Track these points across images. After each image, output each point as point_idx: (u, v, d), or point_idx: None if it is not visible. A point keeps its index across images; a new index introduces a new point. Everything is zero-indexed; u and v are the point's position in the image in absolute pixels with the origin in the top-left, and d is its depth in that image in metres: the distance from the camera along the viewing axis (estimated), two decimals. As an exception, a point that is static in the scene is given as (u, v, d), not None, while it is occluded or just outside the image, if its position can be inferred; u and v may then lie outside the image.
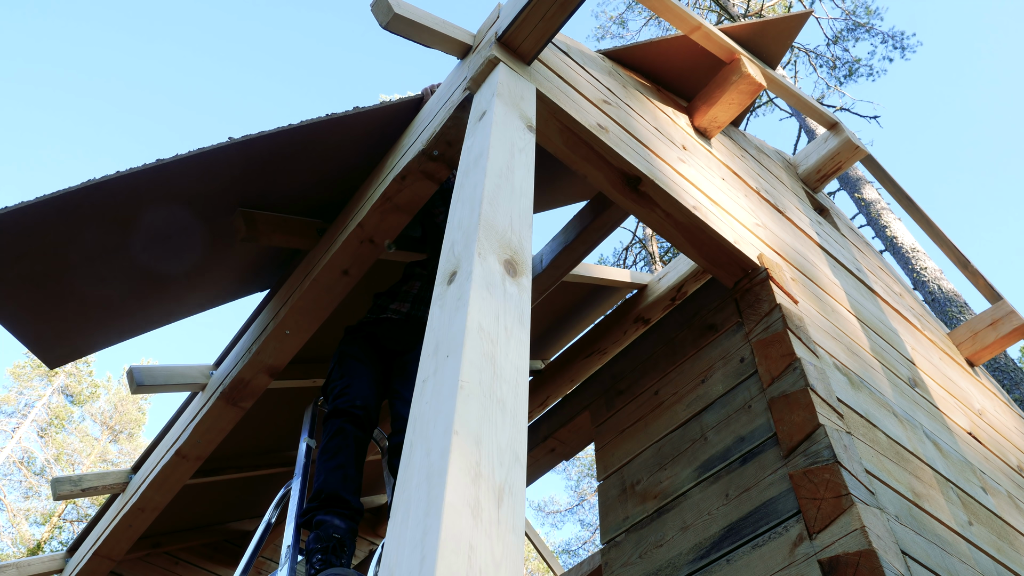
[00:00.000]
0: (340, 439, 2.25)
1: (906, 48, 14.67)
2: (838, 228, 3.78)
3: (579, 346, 3.68)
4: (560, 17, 1.78)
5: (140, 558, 3.82)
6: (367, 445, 2.33)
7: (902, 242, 8.85)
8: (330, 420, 2.33)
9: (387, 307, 2.71)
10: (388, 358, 2.63)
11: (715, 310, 2.32)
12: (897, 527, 1.56)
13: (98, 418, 24.02)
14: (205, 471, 3.30)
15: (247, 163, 2.16)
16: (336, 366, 2.51)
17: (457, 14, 62.25)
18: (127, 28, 64.54)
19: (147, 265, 2.33)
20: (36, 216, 1.89)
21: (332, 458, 2.21)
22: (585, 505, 21.74)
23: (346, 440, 2.25)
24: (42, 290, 2.15)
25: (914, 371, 2.72)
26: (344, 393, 2.37)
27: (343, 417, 2.30)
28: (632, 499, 2.06)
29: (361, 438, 2.30)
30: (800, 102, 3.85)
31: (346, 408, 2.32)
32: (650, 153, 2.15)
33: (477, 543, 0.69)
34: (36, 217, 1.90)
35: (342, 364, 2.50)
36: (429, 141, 1.93)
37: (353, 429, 2.28)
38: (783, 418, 1.74)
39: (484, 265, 1.07)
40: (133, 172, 1.89)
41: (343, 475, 2.17)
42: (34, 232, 1.96)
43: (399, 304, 2.72)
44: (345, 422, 2.28)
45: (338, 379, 2.45)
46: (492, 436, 0.82)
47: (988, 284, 3.98)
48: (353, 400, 2.34)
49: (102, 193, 1.95)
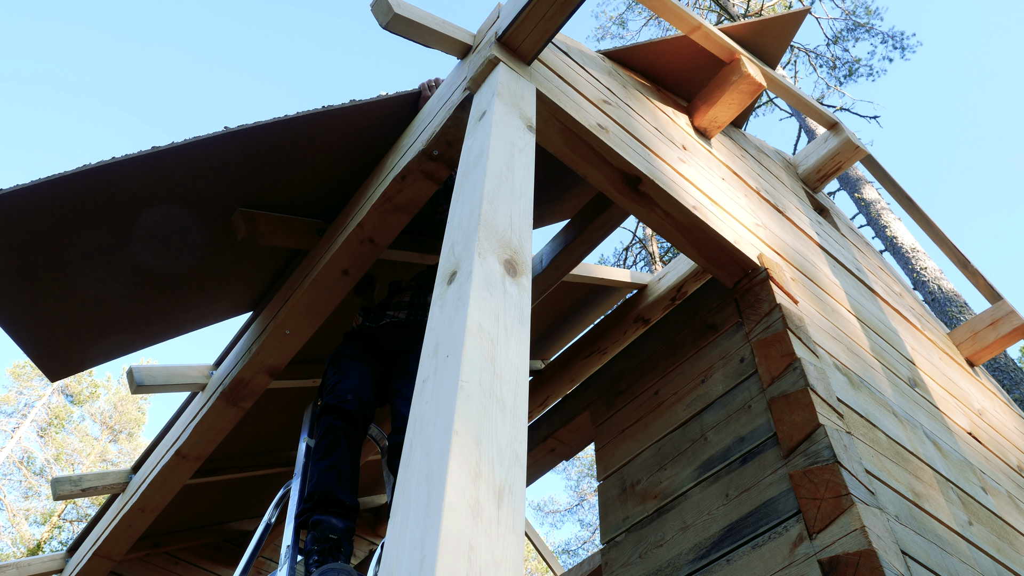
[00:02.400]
0: (331, 437, 2.24)
1: (906, 48, 14.67)
2: (838, 228, 3.78)
3: (579, 346, 3.68)
4: (560, 17, 1.79)
5: (140, 558, 3.82)
6: (361, 441, 2.32)
7: (902, 242, 8.85)
8: (321, 418, 2.32)
9: (384, 314, 2.72)
10: (387, 359, 2.63)
11: (715, 310, 2.32)
12: (897, 527, 1.56)
13: (98, 418, 24.02)
14: (205, 471, 3.30)
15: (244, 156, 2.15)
16: (330, 366, 2.52)
17: (457, 14, 62.23)
18: (127, 29, 64.55)
19: (146, 266, 2.32)
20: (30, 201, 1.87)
21: (324, 457, 2.20)
22: (585, 505, 21.74)
23: (337, 438, 2.24)
24: (40, 286, 2.13)
25: (914, 371, 2.72)
26: (334, 389, 2.37)
27: (332, 414, 2.29)
28: (632, 499, 2.06)
29: (352, 434, 2.28)
30: (800, 102, 3.85)
31: (335, 404, 2.31)
32: (650, 153, 2.15)
33: (477, 543, 0.69)
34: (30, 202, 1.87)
35: (336, 363, 2.50)
36: (429, 141, 1.93)
37: (343, 425, 2.27)
38: (783, 418, 1.74)
39: (484, 265, 1.07)
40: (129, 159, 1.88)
41: (336, 474, 2.16)
42: (29, 219, 1.93)
43: (396, 312, 2.73)
44: (335, 419, 2.28)
45: (330, 377, 2.45)
46: (492, 436, 0.82)
47: (988, 284, 3.98)
48: (343, 395, 2.33)
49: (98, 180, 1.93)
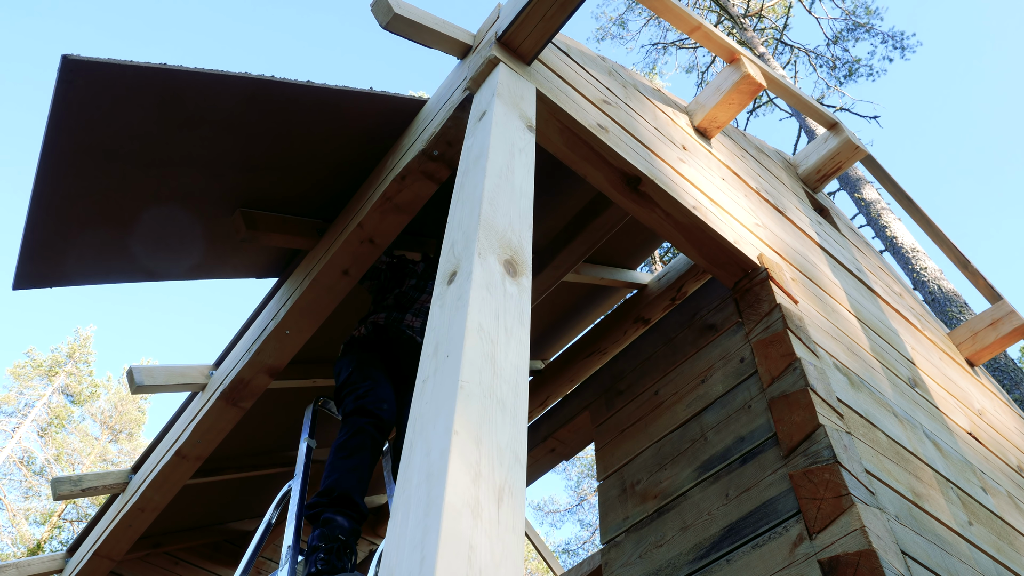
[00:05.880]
0: (360, 439, 2.19)
1: (906, 48, 14.68)
2: (838, 228, 3.78)
3: (579, 346, 3.69)
4: (560, 17, 1.78)
5: (140, 558, 3.82)
6: (379, 453, 2.28)
7: (902, 242, 8.85)
8: (352, 418, 2.26)
9: (403, 320, 2.67)
10: (400, 382, 2.59)
11: (715, 310, 2.32)
12: (897, 527, 1.56)
13: (98, 418, 24.02)
14: (205, 471, 3.30)
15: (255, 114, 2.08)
16: (356, 369, 2.44)
17: (457, 14, 62.24)
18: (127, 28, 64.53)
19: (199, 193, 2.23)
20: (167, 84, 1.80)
21: (350, 457, 2.15)
22: (585, 505, 21.74)
23: (365, 442, 2.19)
24: (102, 180, 2.03)
25: (914, 371, 2.72)
26: (371, 394, 2.31)
27: (369, 418, 2.24)
28: (632, 499, 2.06)
29: (379, 443, 2.25)
30: (800, 102, 3.85)
31: (373, 410, 2.26)
32: (650, 153, 2.15)
33: (477, 543, 0.69)
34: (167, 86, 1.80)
35: (363, 369, 2.44)
36: (429, 141, 1.93)
37: (373, 432, 2.22)
38: (783, 418, 1.74)
39: (484, 265, 1.07)
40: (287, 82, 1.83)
41: (358, 477, 2.12)
42: (146, 103, 1.83)
43: (412, 318, 2.68)
44: (369, 423, 2.23)
45: (360, 381, 2.39)
46: (492, 436, 0.82)
47: (988, 284, 3.98)
48: (379, 403, 2.29)
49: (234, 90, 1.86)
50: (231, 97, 1.97)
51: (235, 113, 2.04)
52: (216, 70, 1.85)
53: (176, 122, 1.99)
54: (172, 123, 1.98)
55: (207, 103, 1.97)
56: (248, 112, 2.05)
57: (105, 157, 1.98)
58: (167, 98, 1.91)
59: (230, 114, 2.03)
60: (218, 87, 1.92)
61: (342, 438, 2.22)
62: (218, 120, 2.04)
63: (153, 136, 1.99)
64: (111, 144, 1.95)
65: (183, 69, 1.79)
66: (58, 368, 23.48)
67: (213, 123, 2.04)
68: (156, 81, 1.83)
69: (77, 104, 1.78)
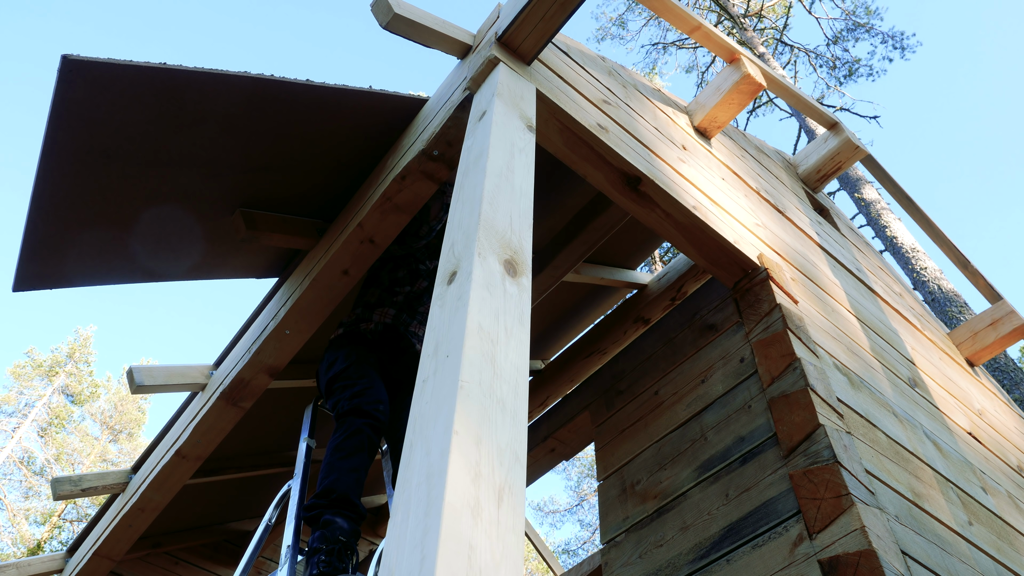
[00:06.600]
0: (358, 440, 2.18)
1: (906, 48, 14.68)
2: (838, 228, 3.78)
3: (579, 346, 3.69)
4: (560, 17, 1.78)
5: (140, 558, 3.82)
6: (375, 455, 2.27)
7: (902, 242, 8.85)
8: (349, 418, 2.24)
9: (409, 325, 2.66)
10: (393, 387, 2.58)
11: (715, 310, 2.32)
12: (897, 527, 1.56)
13: (98, 418, 24.03)
14: (205, 471, 3.30)
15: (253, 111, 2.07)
16: (353, 365, 2.42)
17: (457, 14, 62.24)
18: (126, 29, 64.52)
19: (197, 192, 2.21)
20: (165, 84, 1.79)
21: (348, 458, 2.14)
22: (585, 505, 21.74)
23: (363, 442, 2.18)
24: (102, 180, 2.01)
25: (914, 371, 2.72)
26: (368, 393, 2.31)
27: (366, 418, 2.23)
28: (632, 499, 2.06)
29: (376, 445, 2.24)
30: (800, 102, 3.85)
31: (369, 410, 2.25)
32: (650, 153, 2.15)
33: (477, 543, 0.69)
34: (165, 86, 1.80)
35: (360, 366, 2.42)
36: (429, 141, 1.93)
37: (370, 433, 2.22)
38: (783, 418, 1.74)
39: (484, 265, 1.07)
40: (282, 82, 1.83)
41: (356, 479, 2.11)
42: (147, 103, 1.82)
43: (418, 326, 2.66)
44: (366, 424, 2.22)
45: (357, 377, 2.37)
46: (492, 436, 0.82)
47: (988, 284, 3.99)
48: (376, 404, 2.28)
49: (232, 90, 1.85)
50: (231, 96, 1.97)
51: (235, 113, 2.03)
52: (216, 69, 1.85)
53: (176, 122, 1.98)
54: (172, 123, 1.98)
55: (207, 103, 1.97)
56: (248, 112, 2.04)
57: (105, 157, 1.98)
58: (167, 98, 1.90)
59: (230, 114, 2.03)
60: (218, 86, 1.91)
61: (339, 438, 2.21)
62: (218, 120, 2.04)
63: (153, 136, 1.99)
64: (111, 144, 1.95)
65: (183, 69, 1.79)
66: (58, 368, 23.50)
67: (213, 123, 2.04)
68: (156, 81, 1.83)
69: (77, 104, 1.78)
